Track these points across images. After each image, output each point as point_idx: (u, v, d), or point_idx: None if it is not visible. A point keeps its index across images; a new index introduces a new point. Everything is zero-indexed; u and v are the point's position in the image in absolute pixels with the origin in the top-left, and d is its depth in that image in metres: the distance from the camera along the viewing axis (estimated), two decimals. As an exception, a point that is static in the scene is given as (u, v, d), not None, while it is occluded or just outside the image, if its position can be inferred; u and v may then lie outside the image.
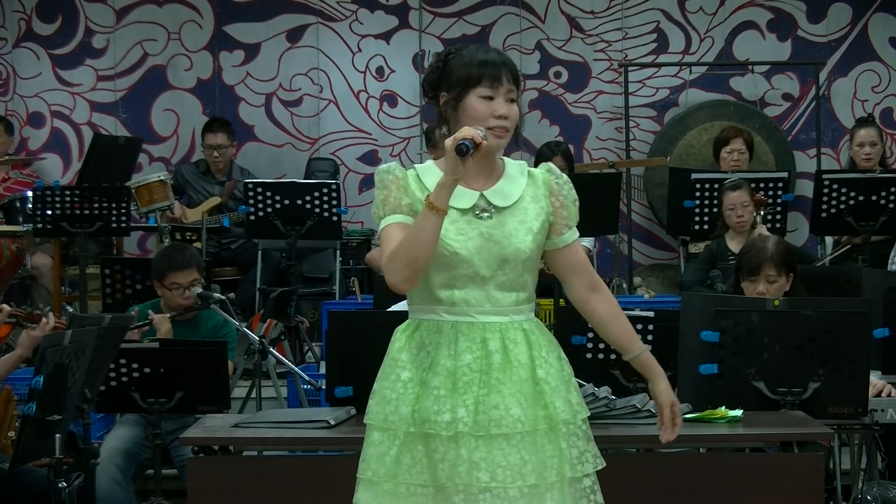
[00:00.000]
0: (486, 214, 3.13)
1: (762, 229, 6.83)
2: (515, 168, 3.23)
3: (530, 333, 3.14)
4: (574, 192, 3.25)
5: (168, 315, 5.69)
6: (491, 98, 3.11)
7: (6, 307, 4.95)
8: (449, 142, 2.99)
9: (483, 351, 3.08)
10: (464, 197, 3.12)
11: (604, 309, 3.26)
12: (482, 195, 3.15)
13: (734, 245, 6.85)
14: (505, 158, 3.25)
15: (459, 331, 3.10)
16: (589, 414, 3.20)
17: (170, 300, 5.78)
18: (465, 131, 3.00)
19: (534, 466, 3.05)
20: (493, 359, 3.08)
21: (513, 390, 3.06)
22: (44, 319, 4.94)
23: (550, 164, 3.28)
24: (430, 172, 3.16)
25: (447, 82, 3.17)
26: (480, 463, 3.02)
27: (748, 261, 5.05)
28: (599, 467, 3.16)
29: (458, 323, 3.10)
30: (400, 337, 3.17)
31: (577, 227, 3.28)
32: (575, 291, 3.26)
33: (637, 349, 3.28)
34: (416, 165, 3.20)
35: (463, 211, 3.12)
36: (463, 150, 2.96)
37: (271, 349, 5.92)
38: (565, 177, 3.26)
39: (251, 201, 7.47)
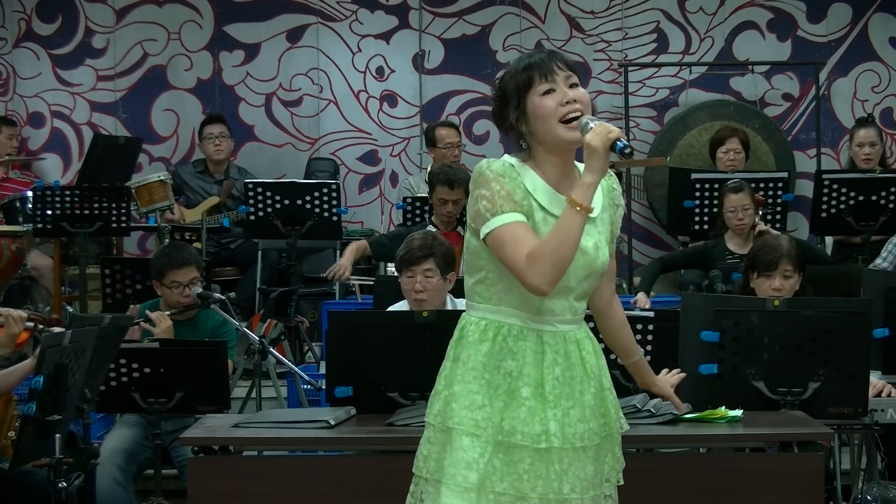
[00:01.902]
0: None
1: (762, 227, 6.82)
2: None
3: (594, 342, 3.17)
4: (622, 206, 3.23)
5: (168, 312, 5.69)
6: (552, 91, 3.04)
7: (23, 312, 4.93)
8: (597, 141, 2.92)
9: (567, 363, 3.08)
10: (558, 202, 3.05)
11: (619, 316, 3.35)
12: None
13: (733, 245, 6.85)
14: (576, 163, 3.17)
15: (545, 341, 3.07)
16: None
17: (169, 298, 5.78)
18: (609, 128, 2.93)
19: (599, 477, 3.11)
20: (576, 371, 3.08)
21: (591, 403, 3.09)
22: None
23: (610, 172, 3.19)
24: (527, 174, 3.06)
25: (508, 103, 3.09)
26: (562, 475, 3.03)
27: (763, 257, 5.08)
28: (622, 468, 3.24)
29: (542, 332, 3.07)
30: (482, 338, 3.08)
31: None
32: (602, 297, 3.29)
33: (637, 354, 3.42)
34: (509, 161, 3.07)
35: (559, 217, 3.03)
36: (627, 152, 2.91)
37: (271, 349, 5.91)
38: (618, 187, 3.23)
39: (251, 201, 7.47)
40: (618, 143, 2.93)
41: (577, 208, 2.93)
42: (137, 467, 5.59)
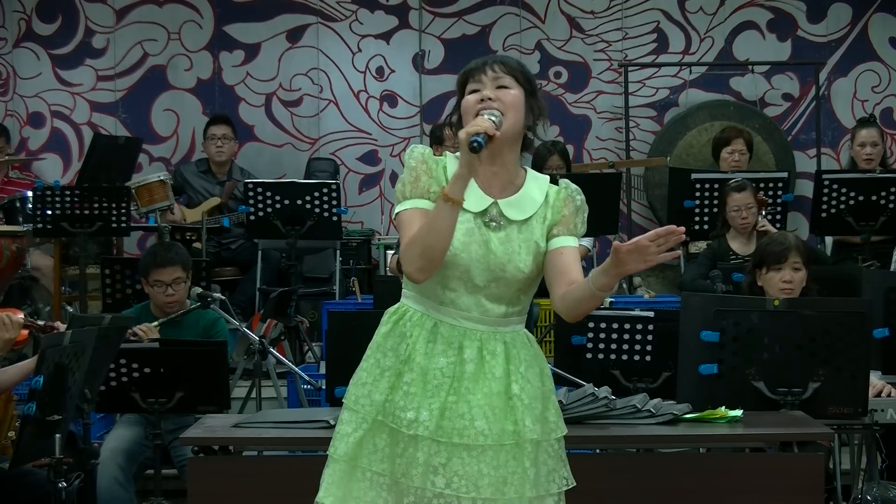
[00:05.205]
0: (494, 224, 3.11)
1: (765, 226, 6.82)
2: (535, 183, 3.18)
3: (511, 346, 3.11)
4: (581, 202, 3.18)
5: (155, 324, 5.63)
6: (477, 90, 3.12)
7: (21, 313, 4.93)
8: (462, 134, 2.98)
9: (458, 357, 3.07)
10: (478, 200, 3.11)
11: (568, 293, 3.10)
12: (496, 203, 3.12)
13: (736, 245, 6.85)
14: (528, 170, 3.21)
15: (440, 331, 3.09)
16: (565, 433, 3.16)
17: (154, 298, 5.77)
18: (478, 122, 3.00)
19: (491, 481, 3.03)
20: (467, 367, 3.07)
21: (481, 402, 3.05)
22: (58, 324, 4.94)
23: (566, 181, 3.22)
24: (454, 164, 3.11)
25: (458, 99, 3.19)
26: (439, 468, 3.02)
27: (772, 250, 5.07)
28: (565, 488, 3.13)
29: (441, 322, 3.10)
30: (387, 321, 3.17)
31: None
32: (556, 295, 3.14)
33: (586, 280, 3.05)
34: (447, 154, 3.17)
35: (474, 214, 3.10)
36: (476, 148, 2.95)
37: (271, 349, 5.91)
38: (577, 190, 3.19)
39: (251, 201, 7.47)
40: (472, 140, 2.96)
41: (444, 199, 2.99)
42: (137, 467, 5.59)
